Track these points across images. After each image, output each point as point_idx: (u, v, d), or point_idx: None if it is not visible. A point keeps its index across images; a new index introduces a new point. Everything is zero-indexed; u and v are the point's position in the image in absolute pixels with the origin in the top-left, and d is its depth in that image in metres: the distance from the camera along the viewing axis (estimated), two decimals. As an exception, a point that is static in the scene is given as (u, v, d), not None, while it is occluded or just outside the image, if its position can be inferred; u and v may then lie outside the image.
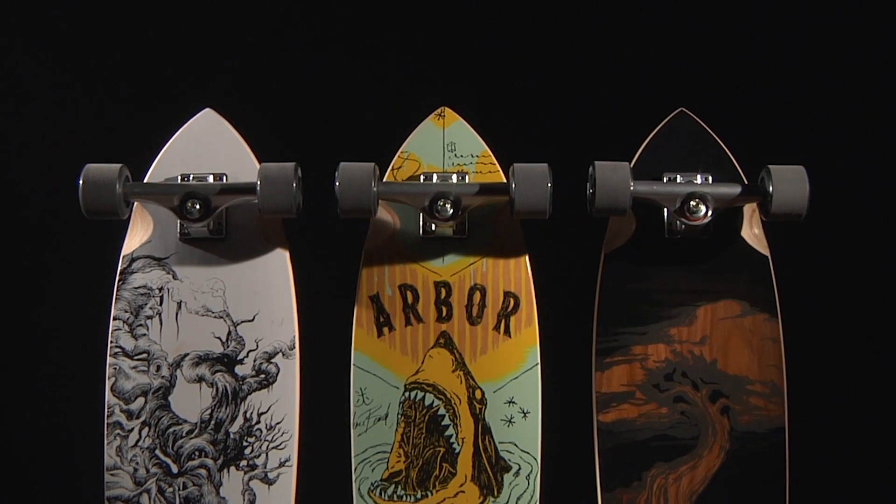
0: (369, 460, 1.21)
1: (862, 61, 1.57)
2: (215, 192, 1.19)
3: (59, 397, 1.55)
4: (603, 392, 1.22)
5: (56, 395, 1.55)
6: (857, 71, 1.58)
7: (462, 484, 1.21)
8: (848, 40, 1.58)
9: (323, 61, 1.59)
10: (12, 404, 1.57)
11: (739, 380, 1.21)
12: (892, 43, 1.57)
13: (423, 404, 1.22)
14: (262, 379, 1.22)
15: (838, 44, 1.58)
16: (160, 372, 1.22)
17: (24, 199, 1.56)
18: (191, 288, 1.23)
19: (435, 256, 1.24)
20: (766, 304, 1.22)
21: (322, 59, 1.59)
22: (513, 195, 1.17)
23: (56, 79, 1.58)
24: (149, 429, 1.21)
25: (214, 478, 1.21)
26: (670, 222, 1.23)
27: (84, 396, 1.29)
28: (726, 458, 1.20)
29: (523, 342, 1.23)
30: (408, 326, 1.23)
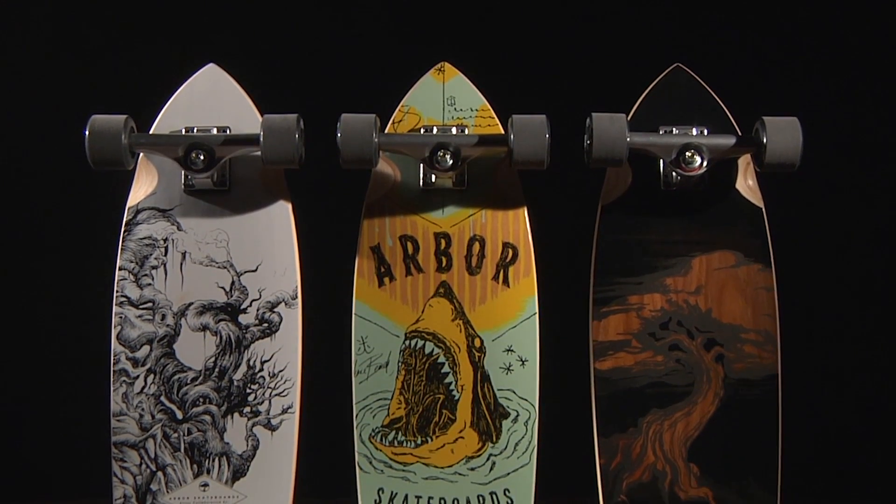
0: (370, 407, 1.23)
1: (855, 15, 1.58)
2: (219, 143, 1.21)
3: (66, 345, 1.57)
4: (600, 340, 1.24)
5: (63, 343, 1.57)
6: (850, 25, 1.59)
7: (461, 430, 1.23)
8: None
9: (324, 17, 1.60)
10: (21, 352, 1.59)
11: (734, 328, 1.23)
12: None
13: (424, 352, 1.24)
14: (265, 328, 1.24)
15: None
16: (165, 321, 1.24)
17: (31, 154, 1.58)
18: (195, 239, 1.25)
19: (435, 208, 1.26)
20: (760, 255, 1.24)
21: (324, 14, 1.60)
22: (511, 145, 1.19)
23: (61, 35, 1.59)
24: (154, 376, 1.23)
25: (218, 424, 1.23)
26: (666, 174, 1.25)
27: (91, 344, 1.31)
28: (720, 405, 1.23)
29: (522, 292, 1.25)
30: (408, 276, 1.25)
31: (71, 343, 1.56)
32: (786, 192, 1.30)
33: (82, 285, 1.46)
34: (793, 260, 1.30)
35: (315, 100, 1.31)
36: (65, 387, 1.58)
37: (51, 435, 1.59)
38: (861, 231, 1.59)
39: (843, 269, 1.60)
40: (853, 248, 1.59)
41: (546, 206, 1.31)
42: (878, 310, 1.61)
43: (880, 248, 1.61)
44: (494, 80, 1.30)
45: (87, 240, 1.46)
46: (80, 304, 1.48)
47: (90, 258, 1.37)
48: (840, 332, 1.60)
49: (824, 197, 1.56)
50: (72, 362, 1.55)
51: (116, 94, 1.49)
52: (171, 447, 1.22)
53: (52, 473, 1.63)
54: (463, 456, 1.23)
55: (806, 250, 1.54)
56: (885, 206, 1.60)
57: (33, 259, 1.59)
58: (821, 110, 1.49)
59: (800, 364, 1.30)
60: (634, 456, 1.22)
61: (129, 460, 1.22)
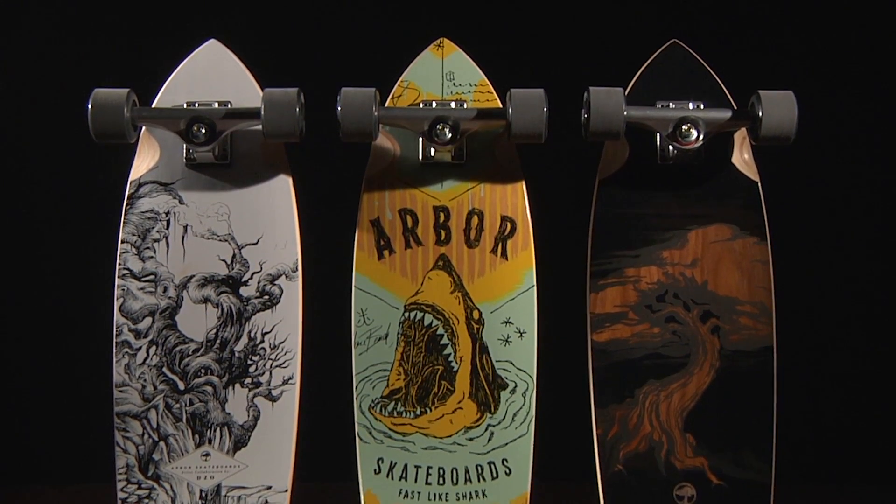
0: (370, 378, 1.25)
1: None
2: (220, 117, 1.22)
3: (69, 318, 1.58)
4: (597, 313, 1.25)
5: (66, 315, 1.59)
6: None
7: (460, 401, 1.25)
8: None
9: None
10: (24, 325, 1.60)
11: (729, 300, 1.25)
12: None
13: (423, 324, 1.25)
14: (266, 300, 1.25)
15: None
16: (167, 293, 1.25)
17: (33, 129, 1.59)
18: (196, 212, 1.26)
19: (434, 182, 1.27)
20: (756, 228, 1.25)
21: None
22: (510, 119, 1.20)
23: (65, 10, 1.60)
24: (156, 347, 1.24)
25: (220, 394, 1.24)
26: (663, 149, 1.26)
27: (93, 317, 1.32)
28: (716, 376, 1.24)
29: (520, 265, 1.26)
30: (407, 249, 1.26)
31: (73, 316, 1.57)
32: (781, 166, 1.31)
33: (85, 258, 1.47)
34: (788, 233, 1.31)
35: (315, 76, 1.32)
36: (68, 359, 1.59)
37: (55, 407, 1.61)
38: (856, 204, 1.61)
39: (837, 243, 1.61)
40: (848, 221, 1.61)
41: (544, 181, 1.32)
42: (872, 282, 1.63)
43: (874, 222, 1.62)
44: (493, 56, 1.32)
45: (90, 213, 1.47)
46: (83, 278, 1.50)
47: (93, 231, 1.39)
48: (834, 304, 1.62)
49: (819, 171, 1.58)
50: (75, 334, 1.57)
51: (118, 70, 1.50)
52: (173, 417, 1.24)
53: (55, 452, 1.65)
54: (462, 426, 1.24)
55: (801, 224, 1.55)
56: (880, 180, 1.61)
57: (36, 233, 1.60)
58: (816, 85, 1.51)
59: (794, 336, 1.31)
60: (631, 426, 1.24)
61: (131, 430, 1.23)
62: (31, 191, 1.59)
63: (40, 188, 1.59)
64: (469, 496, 1.24)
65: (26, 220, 1.60)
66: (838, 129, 1.58)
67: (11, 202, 1.59)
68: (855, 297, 1.63)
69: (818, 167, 1.57)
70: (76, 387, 1.57)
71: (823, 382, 1.62)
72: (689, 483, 1.23)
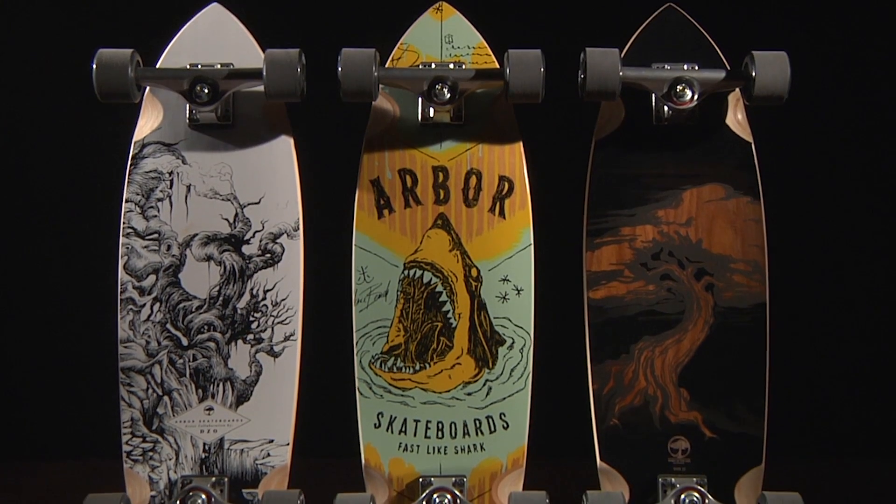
0: (370, 335, 1.27)
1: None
2: (223, 77, 1.24)
3: (75, 275, 1.61)
4: (593, 270, 1.27)
5: (71, 273, 1.61)
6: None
7: (458, 357, 1.27)
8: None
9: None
10: (31, 282, 1.62)
11: (723, 258, 1.27)
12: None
13: (422, 282, 1.27)
14: (268, 258, 1.27)
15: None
16: (170, 251, 1.27)
17: (38, 91, 1.61)
18: (199, 172, 1.28)
19: (433, 142, 1.29)
20: (749, 188, 1.27)
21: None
22: (507, 79, 1.22)
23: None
24: (160, 304, 1.26)
25: (223, 350, 1.26)
26: (658, 110, 1.28)
27: (98, 274, 1.35)
28: (710, 332, 1.26)
29: (517, 223, 1.28)
30: (407, 209, 1.28)
31: (79, 273, 1.59)
32: (774, 126, 1.33)
33: (90, 218, 1.50)
34: (781, 193, 1.33)
35: (316, 40, 1.34)
36: (74, 316, 1.61)
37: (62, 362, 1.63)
38: (847, 164, 1.63)
39: (829, 202, 1.63)
40: (840, 181, 1.63)
41: (541, 142, 1.34)
42: (863, 239, 1.65)
43: (865, 182, 1.64)
44: (491, 19, 1.33)
45: (94, 173, 1.49)
46: (87, 236, 1.52)
47: (98, 191, 1.41)
48: (826, 261, 1.64)
49: (812, 131, 1.60)
50: (80, 291, 1.59)
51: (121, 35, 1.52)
52: (176, 373, 1.26)
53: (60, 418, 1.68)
54: (460, 381, 1.27)
55: (794, 183, 1.57)
56: (871, 141, 1.63)
57: (41, 193, 1.62)
58: (809, 47, 1.53)
59: (787, 292, 1.33)
60: (626, 381, 1.26)
61: (136, 385, 1.26)
62: (36, 151, 1.62)
63: (44, 150, 1.62)
64: (467, 449, 1.26)
65: (31, 180, 1.62)
66: (831, 90, 1.60)
67: (19, 161, 1.62)
68: (847, 255, 1.65)
69: (811, 128, 1.59)
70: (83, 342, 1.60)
71: (816, 338, 1.65)
72: (683, 436, 1.25)
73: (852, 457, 1.70)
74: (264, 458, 1.25)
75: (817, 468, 1.62)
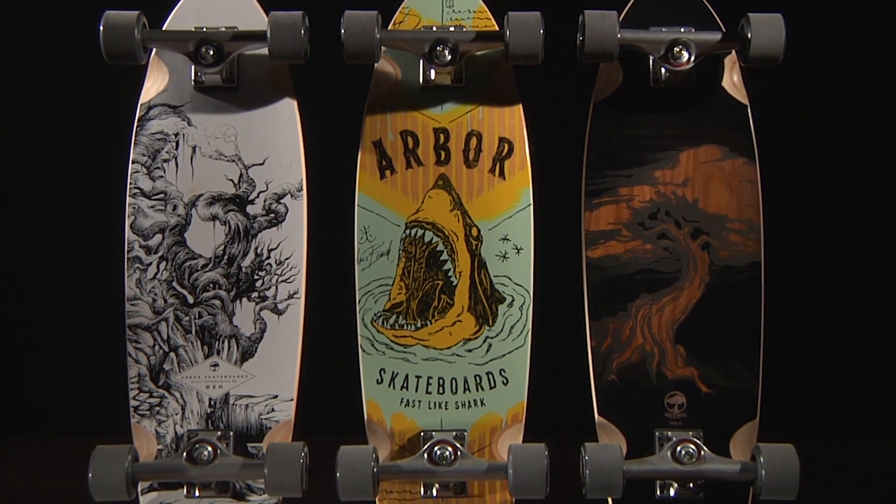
0: (372, 293, 1.29)
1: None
2: (228, 39, 1.26)
3: (82, 234, 1.63)
4: (591, 230, 1.29)
5: (79, 232, 1.63)
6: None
7: (459, 314, 1.29)
8: None
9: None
10: (39, 240, 1.65)
11: (719, 218, 1.29)
12: None
13: (423, 241, 1.30)
14: (272, 218, 1.29)
15: None
16: (176, 211, 1.29)
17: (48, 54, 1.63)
18: (205, 133, 1.30)
19: (434, 104, 1.31)
20: (745, 149, 1.29)
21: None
22: (507, 40, 1.24)
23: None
24: (166, 263, 1.29)
25: (228, 308, 1.29)
26: (655, 72, 1.30)
27: (106, 234, 1.37)
28: (706, 290, 1.28)
29: (517, 184, 1.30)
30: (408, 169, 1.30)
31: (86, 233, 1.62)
32: (770, 89, 1.36)
33: (97, 178, 1.52)
34: (776, 154, 1.36)
35: (319, 3, 1.36)
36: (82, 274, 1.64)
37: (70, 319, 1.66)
38: (842, 126, 1.65)
39: (824, 163, 1.66)
40: (835, 142, 1.65)
41: (541, 104, 1.36)
42: (856, 200, 1.68)
43: (859, 144, 1.66)
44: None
45: (101, 135, 1.52)
46: (94, 196, 1.54)
47: (105, 152, 1.43)
48: (821, 221, 1.67)
49: (807, 94, 1.62)
50: (88, 250, 1.61)
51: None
52: (182, 329, 1.28)
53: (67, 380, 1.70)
54: (461, 338, 1.29)
55: (788, 145, 1.60)
56: (865, 103, 1.65)
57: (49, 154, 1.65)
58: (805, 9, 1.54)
59: (781, 251, 1.36)
60: (624, 338, 1.28)
61: (142, 342, 1.28)
62: (44, 113, 1.64)
63: (51, 113, 1.64)
64: (468, 405, 1.28)
65: (39, 141, 1.64)
66: (826, 52, 1.62)
67: (28, 124, 1.64)
68: (840, 215, 1.67)
69: (806, 90, 1.61)
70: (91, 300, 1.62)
71: (810, 296, 1.67)
72: (680, 392, 1.28)
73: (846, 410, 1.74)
74: (269, 413, 1.28)
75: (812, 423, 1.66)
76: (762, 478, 1.20)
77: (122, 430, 1.28)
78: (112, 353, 1.33)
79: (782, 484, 1.20)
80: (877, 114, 1.69)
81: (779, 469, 1.20)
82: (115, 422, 1.32)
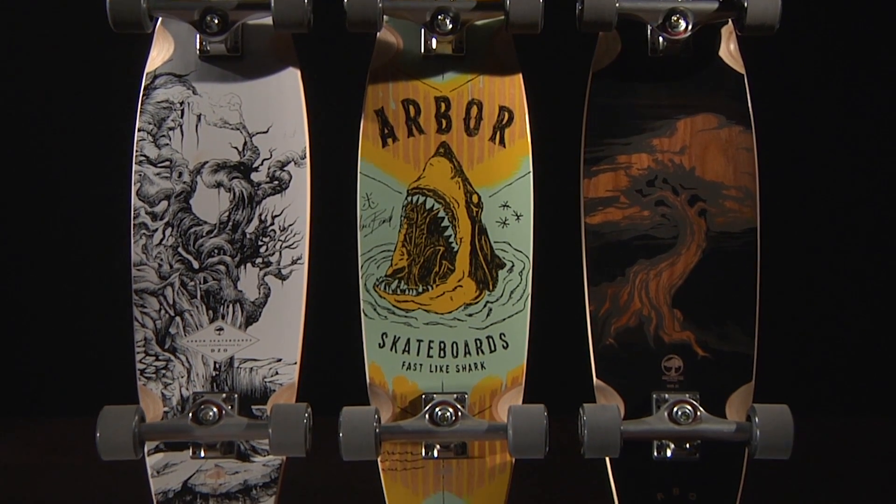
0: (374, 258, 1.31)
1: None
2: (233, 7, 1.27)
3: (89, 201, 1.65)
4: (590, 197, 1.32)
5: (86, 198, 1.66)
6: None
7: (460, 279, 1.31)
8: None
9: None
10: (49, 207, 1.67)
11: (716, 185, 1.31)
12: None
13: (425, 207, 1.32)
14: (276, 185, 1.31)
15: None
16: (181, 178, 1.31)
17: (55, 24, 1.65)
18: (209, 102, 1.32)
19: (435, 74, 1.33)
20: (741, 118, 1.31)
21: None
22: (507, 9, 1.26)
23: None
24: (172, 229, 1.31)
25: (232, 273, 1.31)
26: (653, 41, 1.32)
27: (112, 201, 1.39)
28: (703, 256, 1.30)
29: (517, 152, 1.32)
30: (410, 138, 1.32)
31: (93, 200, 1.64)
32: (766, 59, 1.37)
33: (104, 145, 1.54)
34: (772, 122, 1.38)
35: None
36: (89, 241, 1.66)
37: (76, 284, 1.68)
38: (837, 94, 1.67)
39: (819, 130, 1.68)
40: (830, 110, 1.67)
41: (541, 73, 1.38)
42: (852, 167, 1.70)
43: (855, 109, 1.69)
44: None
45: (108, 104, 1.54)
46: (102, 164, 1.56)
47: (111, 120, 1.45)
48: (816, 188, 1.69)
49: (802, 63, 1.64)
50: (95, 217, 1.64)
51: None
52: (188, 294, 1.30)
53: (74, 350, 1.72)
54: (461, 303, 1.31)
55: (784, 113, 1.62)
56: (860, 71, 1.68)
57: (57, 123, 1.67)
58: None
59: (777, 218, 1.38)
60: (622, 303, 1.31)
61: (149, 306, 1.30)
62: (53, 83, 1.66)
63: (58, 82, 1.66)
64: (468, 368, 1.31)
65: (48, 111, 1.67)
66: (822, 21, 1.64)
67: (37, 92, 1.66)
68: (833, 180, 1.69)
69: (802, 59, 1.63)
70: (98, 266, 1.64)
71: (803, 261, 1.69)
72: (677, 355, 1.30)
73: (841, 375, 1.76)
74: (272, 376, 1.30)
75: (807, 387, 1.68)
76: (757, 437, 1.22)
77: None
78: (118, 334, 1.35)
79: (777, 443, 1.22)
80: (872, 82, 1.71)
81: (773, 429, 1.22)
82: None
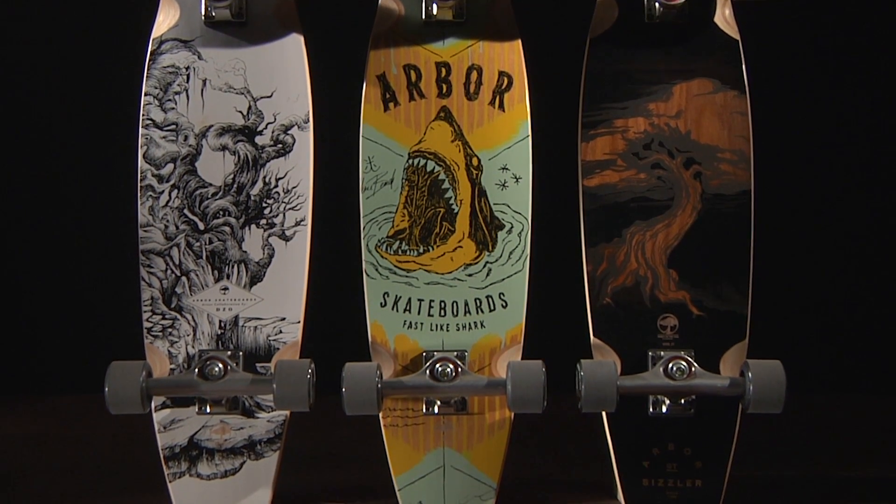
0: (376, 220, 1.34)
1: None
2: (237, -26, 1.31)
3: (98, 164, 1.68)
4: (587, 160, 1.34)
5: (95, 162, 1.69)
6: None
7: (460, 240, 1.34)
8: None
9: None
10: (58, 168, 1.70)
11: (711, 148, 1.33)
12: None
13: (425, 170, 1.34)
14: (280, 148, 1.34)
15: None
16: (187, 141, 1.34)
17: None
18: (215, 67, 1.35)
19: (436, 39, 1.36)
20: (736, 83, 1.34)
21: None
22: (506, -25, 1.29)
23: None
24: (177, 191, 1.33)
25: (237, 234, 1.33)
26: (650, 8, 1.35)
27: (120, 163, 1.42)
28: (698, 217, 1.33)
29: (516, 116, 1.35)
30: (411, 102, 1.35)
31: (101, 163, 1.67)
32: (760, 25, 1.40)
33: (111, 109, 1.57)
34: (765, 87, 1.40)
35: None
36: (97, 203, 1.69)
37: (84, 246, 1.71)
38: (829, 62, 1.70)
39: (813, 95, 1.70)
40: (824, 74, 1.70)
41: (539, 39, 1.41)
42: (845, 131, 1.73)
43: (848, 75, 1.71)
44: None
45: (116, 68, 1.57)
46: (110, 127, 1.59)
47: (119, 85, 1.48)
48: (808, 150, 1.72)
49: (796, 28, 1.67)
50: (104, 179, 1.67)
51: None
52: (193, 255, 1.33)
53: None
54: (461, 263, 1.34)
55: (778, 78, 1.64)
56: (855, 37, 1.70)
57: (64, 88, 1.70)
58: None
59: (770, 180, 1.41)
60: (619, 263, 1.33)
61: (155, 266, 1.33)
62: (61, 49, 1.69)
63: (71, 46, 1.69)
64: (468, 327, 1.33)
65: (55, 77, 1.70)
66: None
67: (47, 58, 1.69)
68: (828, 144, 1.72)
69: (796, 24, 1.66)
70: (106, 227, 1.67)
71: (797, 222, 1.72)
72: (672, 314, 1.33)
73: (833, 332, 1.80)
74: (277, 334, 1.32)
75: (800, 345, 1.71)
76: (750, 392, 1.25)
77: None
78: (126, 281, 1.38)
79: (769, 398, 1.24)
80: (867, 48, 1.74)
81: (766, 383, 1.24)
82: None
